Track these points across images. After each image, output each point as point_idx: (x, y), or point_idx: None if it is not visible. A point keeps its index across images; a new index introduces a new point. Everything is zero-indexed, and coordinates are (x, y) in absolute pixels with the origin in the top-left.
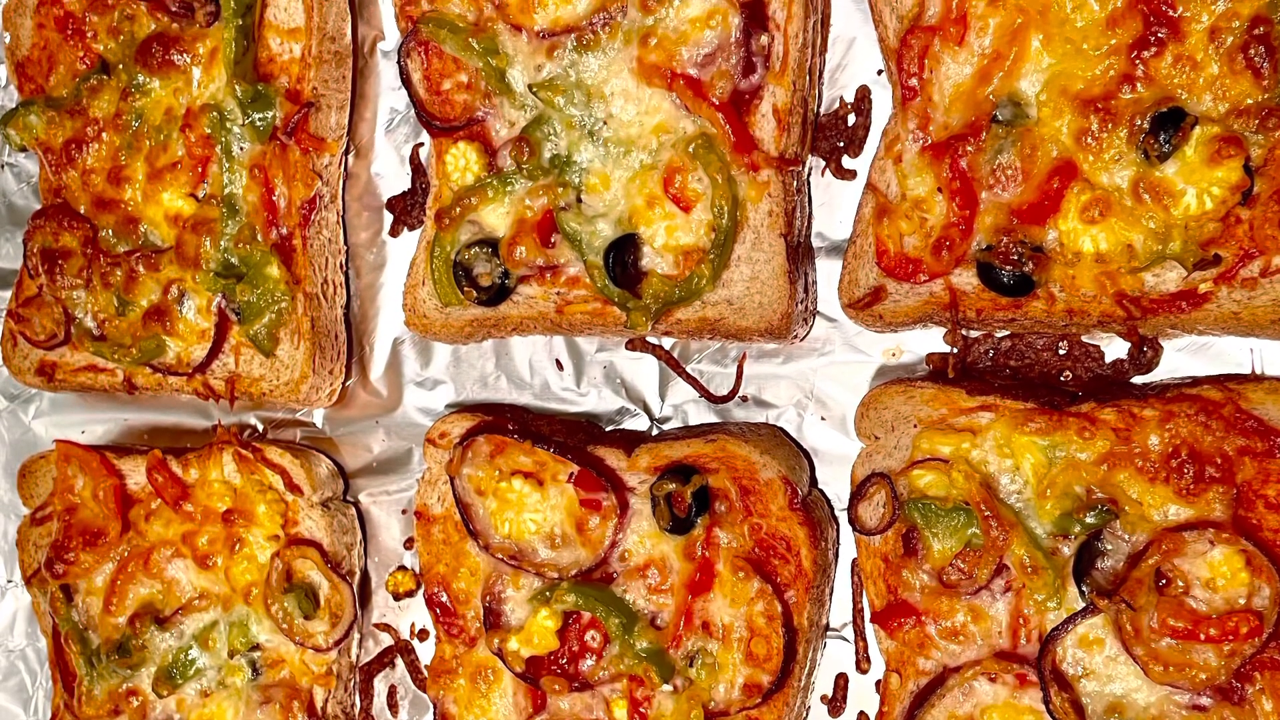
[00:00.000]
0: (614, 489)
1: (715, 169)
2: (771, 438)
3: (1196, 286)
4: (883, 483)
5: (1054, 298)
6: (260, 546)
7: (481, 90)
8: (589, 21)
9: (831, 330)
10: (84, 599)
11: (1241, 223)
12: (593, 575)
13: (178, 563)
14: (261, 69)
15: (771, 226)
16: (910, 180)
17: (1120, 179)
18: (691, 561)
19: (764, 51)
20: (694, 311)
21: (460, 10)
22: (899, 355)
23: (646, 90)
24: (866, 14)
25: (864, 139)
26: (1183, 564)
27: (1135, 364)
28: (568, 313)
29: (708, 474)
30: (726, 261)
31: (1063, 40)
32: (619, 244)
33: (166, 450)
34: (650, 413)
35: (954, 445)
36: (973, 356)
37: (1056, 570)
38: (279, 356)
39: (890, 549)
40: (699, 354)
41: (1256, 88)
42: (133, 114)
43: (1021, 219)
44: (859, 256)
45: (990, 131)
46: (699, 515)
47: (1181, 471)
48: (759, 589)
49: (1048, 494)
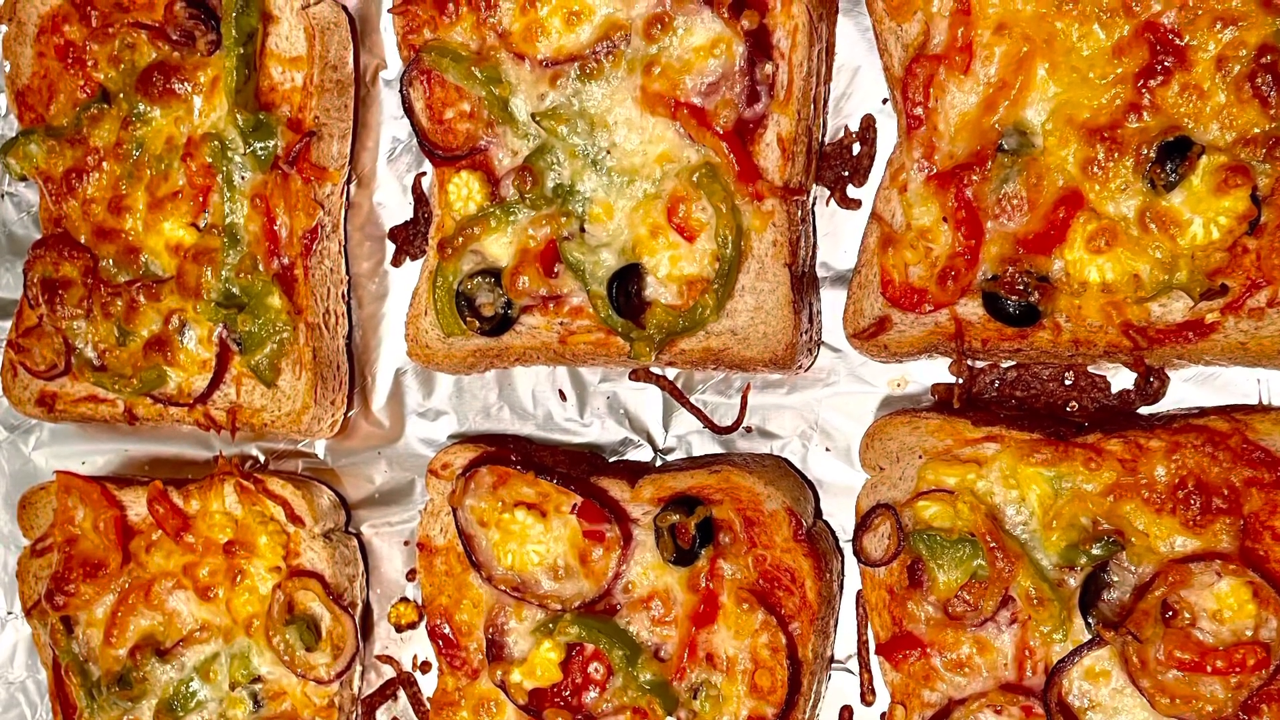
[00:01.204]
0: (617, 520)
1: (719, 198)
2: (776, 469)
3: (1203, 317)
4: (888, 514)
5: (1060, 328)
6: (262, 578)
7: (484, 119)
8: (592, 50)
9: (836, 361)
10: (84, 630)
11: (1249, 252)
12: (596, 607)
13: (179, 594)
14: (263, 98)
15: (776, 256)
16: (915, 210)
17: (1126, 208)
18: (695, 593)
19: (768, 80)
20: (698, 342)
21: (463, 39)
22: (904, 386)
23: (650, 119)
24: (871, 43)
25: (869, 168)
26: (1189, 596)
27: (1141, 394)
28: (571, 343)
29: (712, 505)
30: (730, 291)
31: (1069, 69)
32: (622, 274)
33: (167, 481)
34: (654, 444)
35: (959, 476)
36: (978, 387)
37: (1062, 602)
38: (280, 387)
39: (895, 580)
40: (703, 384)
41: (1264, 117)
42: (133, 143)
43: (1027, 249)
44: (864, 286)
45: (996, 161)
46: (703, 547)
47: (1188, 503)
48: (763, 621)
49: (1053, 525)
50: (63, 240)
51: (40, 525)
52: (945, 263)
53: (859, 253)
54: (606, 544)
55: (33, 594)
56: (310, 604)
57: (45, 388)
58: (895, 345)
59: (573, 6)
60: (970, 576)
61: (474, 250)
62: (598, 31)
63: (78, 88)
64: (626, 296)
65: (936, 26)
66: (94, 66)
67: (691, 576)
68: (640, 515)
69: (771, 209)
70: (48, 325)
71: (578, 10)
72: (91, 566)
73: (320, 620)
